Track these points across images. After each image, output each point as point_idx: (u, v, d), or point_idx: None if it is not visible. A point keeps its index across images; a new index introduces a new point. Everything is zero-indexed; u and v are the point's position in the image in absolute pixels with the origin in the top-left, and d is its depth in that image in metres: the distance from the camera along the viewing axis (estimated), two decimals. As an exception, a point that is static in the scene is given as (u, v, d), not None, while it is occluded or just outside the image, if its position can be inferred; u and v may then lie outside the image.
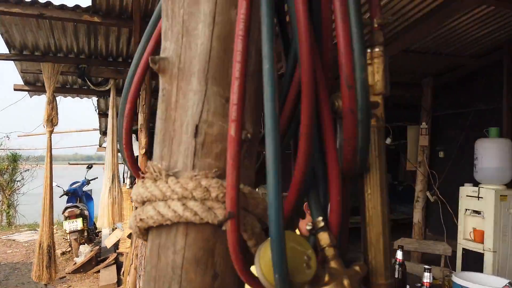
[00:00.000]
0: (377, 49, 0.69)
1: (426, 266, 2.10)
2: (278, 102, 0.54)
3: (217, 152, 0.62)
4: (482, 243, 3.95)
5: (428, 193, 5.10)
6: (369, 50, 0.70)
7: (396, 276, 2.34)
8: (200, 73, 0.63)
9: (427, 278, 2.06)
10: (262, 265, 0.54)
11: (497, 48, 4.49)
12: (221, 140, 0.63)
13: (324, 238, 0.62)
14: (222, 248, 0.62)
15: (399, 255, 2.36)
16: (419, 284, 2.25)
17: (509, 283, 1.95)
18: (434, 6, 3.54)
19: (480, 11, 3.71)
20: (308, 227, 0.66)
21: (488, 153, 4.09)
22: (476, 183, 4.26)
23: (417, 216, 5.21)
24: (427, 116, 5.27)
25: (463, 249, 4.17)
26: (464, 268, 4.10)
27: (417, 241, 3.78)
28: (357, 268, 0.62)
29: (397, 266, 2.35)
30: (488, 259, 3.89)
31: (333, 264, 0.60)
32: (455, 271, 4.14)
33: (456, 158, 4.92)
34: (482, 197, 4.04)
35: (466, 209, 4.22)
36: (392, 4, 3.50)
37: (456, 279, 1.99)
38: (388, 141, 5.60)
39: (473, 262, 4.03)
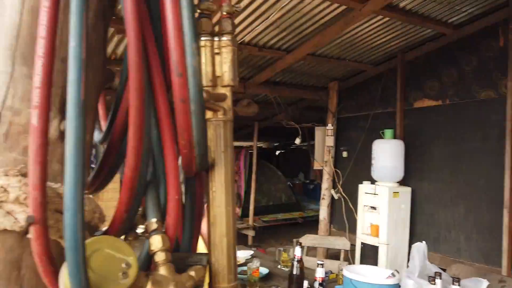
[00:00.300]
0: (225, 38, 0.65)
1: (319, 262, 2.17)
2: (84, 86, 0.47)
3: (25, 145, 0.53)
4: (378, 237, 4.27)
5: (332, 191, 5.38)
6: (216, 39, 0.66)
7: (294, 272, 2.39)
8: (6, 51, 0.53)
9: (319, 273, 2.13)
10: (65, 277, 0.46)
11: (392, 56, 4.89)
12: (31, 131, 0.53)
13: (155, 242, 0.55)
14: (32, 259, 0.52)
15: (298, 251, 2.41)
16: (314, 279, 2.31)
17: (392, 273, 2.09)
18: (335, 14, 3.72)
19: (377, 21, 3.99)
20: (140, 230, 0.60)
21: (383, 153, 4.42)
22: (373, 181, 4.59)
23: (323, 213, 5.47)
24: (332, 118, 5.56)
25: (362, 243, 4.46)
26: (362, 261, 4.38)
27: (320, 237, 3.95)
28: (192, 273, 0.56)
29: (295, 263, 2.39)
30: (382, 251, 4.20)
31: (162, 270, 0.54)
32: (354, 264, 4.41)
33: (357, 158, 5.26)
34: (377, 194, 4.36)
35: (365, 205, 4.52)
36: (300, 6, 3.59)
37: (345, 272, 2.09)
38: (298, 141, 5.80)
39: (371, 255, 4.32)
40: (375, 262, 4.20)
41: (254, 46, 4.32)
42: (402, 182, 4.59)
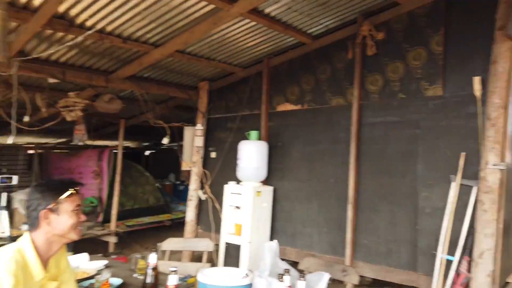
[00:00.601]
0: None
1: (172, 268, 2.05)
2: None
3: None
4: (241, 235, 4.35)
5: (199, 192, 5.33)
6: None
7: (148, 281, 2.23)
8: None
9: (171, 280, 2.01)
10: None
11: (259, 61, 5.07)
12: None
13: None
14: None
15: (152, 258, 2.25)
16: (170, 286, 2.19)
17: (246, 274, 2.09)
18: (205, 12, 3.67)
19: (245, 24, 4.06)
20: None
21: (248, 153, 4.54)
22: (239, 181, 4.68)
23: (190, 214, 5.37)
24: (202, 118, 5.51)
25: (226, 243, 4.50)
26: (226, 261, 4.42)
27: (184, 240, 3.84)
28: None
29: (149, 271, 2.24)
30: (245, 250, 4.30)
31: None
32: (218, 264, 4.43)
33: (225, 158, 5.31)
34: (242, 194, 4.46)
35: (230, 205, 4.58)
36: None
37: (199, 276, 2.02)
38: (165, 141, 5.59)
39: (234, 254, 4.38)
40: (238, 261, 4.27)
41: (117, 37, 3.99)
42: (265, 182, 4.79)
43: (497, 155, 3.04)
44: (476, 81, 3.31)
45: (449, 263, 3.35)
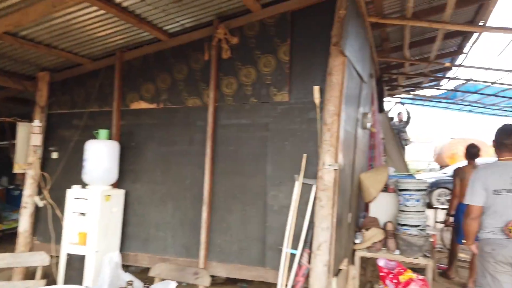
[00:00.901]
0: None
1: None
2: None
3: None
4: (85, 245, 3.94)
5: (36, 198, 4.65)
6: None
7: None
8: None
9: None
10: None
11: (111, 54, 4.68)
12: None
13: None
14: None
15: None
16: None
17: (82, 290, 1.86)
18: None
19: (93, 11, 3.69)
20: None
21: (97, 154, 4.15)
22: (85, 185, 4.24)
23: (25, 224, 4.65)
24: (41, 113, 4.83)
25: (68, 254, 4.02)
26: (68, 275, 3.94)
27: (11, 255, 3.25)
28: None
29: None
30: (90, 260, 3.90)
31: None
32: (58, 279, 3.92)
33: (69, 160, 4.75)
34: (88, 198, 4.04)
35: (73, 212, 4.11)
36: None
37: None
38: (-8, 139, 4.73)
39: (78, 266, 3.94)
40: (82, 274, 3.86)
41: None
42: (116, 185, 4.45)
43: (332, 157, 3.42)
44: (316, 90, 3.67)
45: (293, 256, 3.63)
